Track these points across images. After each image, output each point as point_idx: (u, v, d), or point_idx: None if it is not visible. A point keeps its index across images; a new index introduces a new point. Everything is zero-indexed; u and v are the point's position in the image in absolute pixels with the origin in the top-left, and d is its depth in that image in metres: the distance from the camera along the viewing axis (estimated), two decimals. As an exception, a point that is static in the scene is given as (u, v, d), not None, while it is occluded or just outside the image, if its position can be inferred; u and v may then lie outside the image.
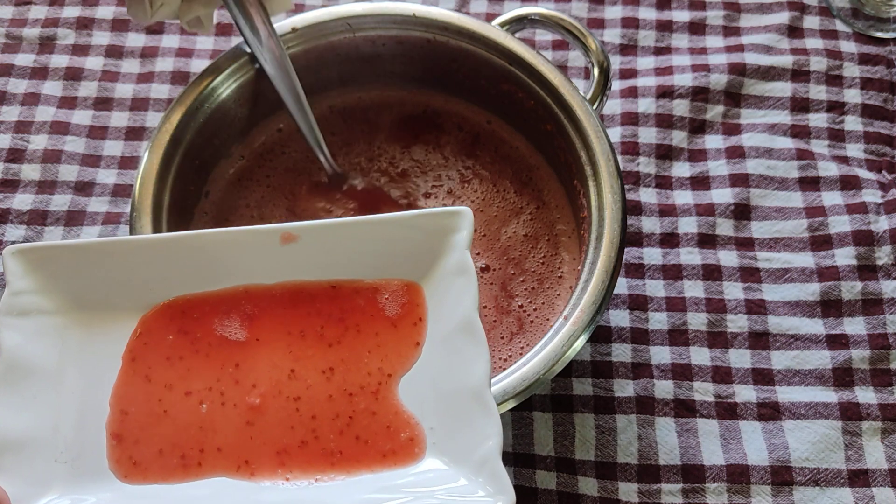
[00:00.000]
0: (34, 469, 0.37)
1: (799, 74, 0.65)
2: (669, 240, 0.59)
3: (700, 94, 0.64)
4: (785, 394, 0.54)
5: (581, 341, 0.45)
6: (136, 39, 0.68)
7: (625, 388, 0.54)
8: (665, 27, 0.68)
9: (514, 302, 0.53)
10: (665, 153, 0.62)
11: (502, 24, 0.55)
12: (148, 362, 0.41)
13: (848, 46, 0.66)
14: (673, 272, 0.58)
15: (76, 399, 0.40)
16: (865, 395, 0.53)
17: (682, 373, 0.54)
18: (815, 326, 0.56)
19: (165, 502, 0.38)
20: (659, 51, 0.67)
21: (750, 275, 0.58)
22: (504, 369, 0.46)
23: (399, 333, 0.41)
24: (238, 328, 0.42)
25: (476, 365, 0.38)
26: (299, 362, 0.41)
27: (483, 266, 0.54)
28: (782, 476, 0.51)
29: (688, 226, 0.59)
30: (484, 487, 0.36)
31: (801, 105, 0.64)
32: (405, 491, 0.37)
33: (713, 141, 0.63)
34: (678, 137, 0.63)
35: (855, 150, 0.62)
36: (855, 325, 0.56)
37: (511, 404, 0.44)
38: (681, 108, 0.64)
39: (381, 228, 0.42)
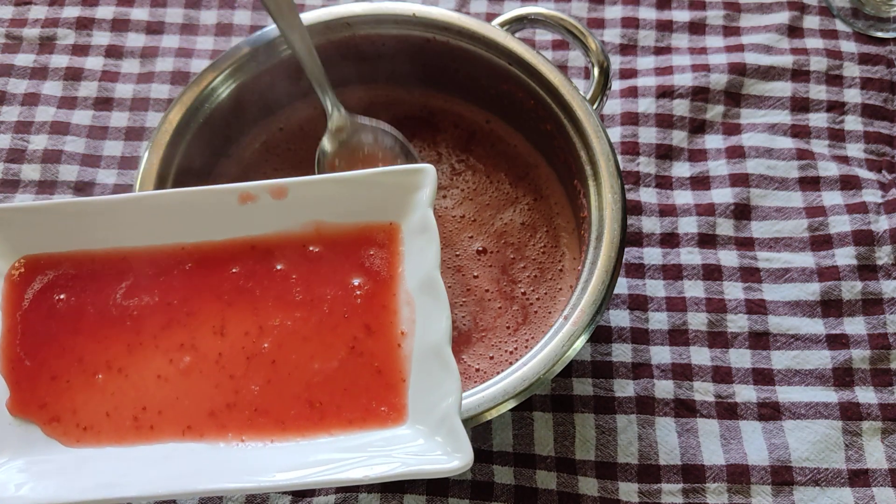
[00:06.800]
0: None
1: (799, 74, 0.65)
2: (669, 240, 0.59)
3: (700, 94, 0.64)
4: (785, 394, 0.54)
5: (581, 341, 0.45)
6: (136, 39, 0.68)
7: (625, 388, 0.54)
8: (665, 27, 0.68)
9: (517, 288, 0.53)
10: (665, 153, 0.62)
11: (502, 24, 0.55)
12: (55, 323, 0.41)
13: (848, 46, 0.66)
14: (673, 272, 0.58)
15: None
16: (866, 395, 0.53)
17: (682, 373, 0.54)
18: (815, 326, 0.56)
19: (117, 462, 0.38)
20: (659, 51, 0.67)
21: (750, 275, 0.58)
22: (511, 363, 0.46)
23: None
24: (160, 290, 0.41)
25: (437, 323, 0.38)
26: (257, 322, 0.41)
27: (480, 248, 0.54)
28: (782, 476, 0.51)
29: (688, 226, 0.59)
30: (441, 447, 0.36)
31: (801, 105, 0.64)
32: (362, 451, 0.37)
33: (713, 141, 0.63)
34: (678, 137, 0.63)
35: (855, 149, 0.62)
36: (855, 325, 0.56)
37: (511, 404, 0.44)
38: (681, 107, 0.64)
39: (343, 186, 0.41)
